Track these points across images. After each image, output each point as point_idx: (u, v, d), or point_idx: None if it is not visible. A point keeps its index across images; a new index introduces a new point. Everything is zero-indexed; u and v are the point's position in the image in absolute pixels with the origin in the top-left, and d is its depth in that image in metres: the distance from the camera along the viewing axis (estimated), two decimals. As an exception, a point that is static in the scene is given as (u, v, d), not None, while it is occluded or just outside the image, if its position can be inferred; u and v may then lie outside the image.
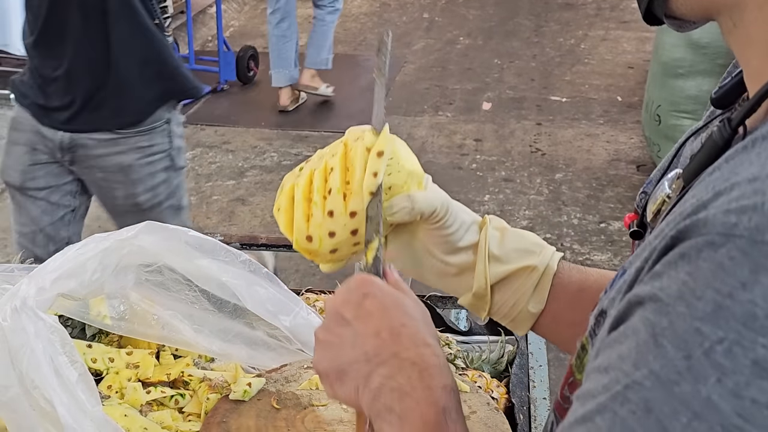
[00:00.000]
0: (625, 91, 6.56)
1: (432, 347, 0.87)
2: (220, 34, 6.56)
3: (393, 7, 8.66)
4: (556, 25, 8.06)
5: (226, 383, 1.43)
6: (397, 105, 6.35)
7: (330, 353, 0.90)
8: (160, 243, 1.31)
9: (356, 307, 0.90)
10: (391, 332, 0.87)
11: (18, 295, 1.12)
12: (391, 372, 0.85)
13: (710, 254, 0.59)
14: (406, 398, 0.83)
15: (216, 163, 5.52)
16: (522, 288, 1.08)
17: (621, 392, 0.60)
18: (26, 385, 1.07)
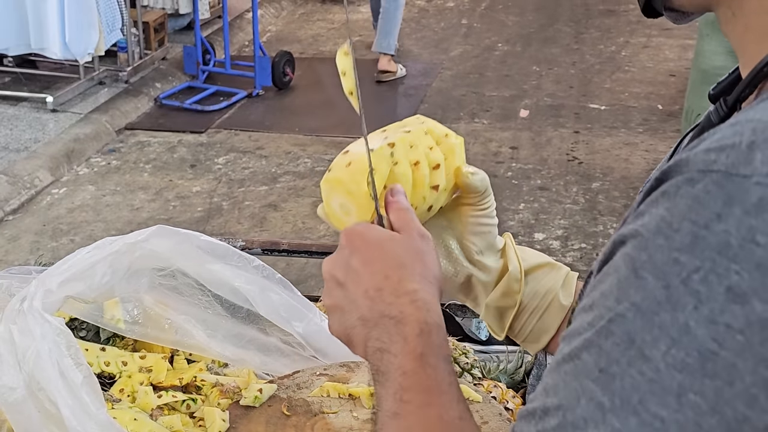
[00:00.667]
0: (665, 100, 6.50)
1: (411, 293, 0.88)
2: (256, 39, 6.61)
3: (431, 13, 8.67)
4: (597, 31, 8.02)
5: (238, 389, 1.44)
6: (433, 111, 6.35)
7: (336, 318, 0.93)
8: (172, 247, 1.32)
9: (345, 267, 0.92)
10: (376, 289, 0.89)
11: (25, 297, 1.14)
12: (378, 333, 0.87)
13: (688, 189, 0.62)
14: (385, 355, 0.85)
15: (249, 169, 5.55)
16: (552, 278, 1.11)
17: (605, 326, 0.63)
18: (32, 387, 1.09)
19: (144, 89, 6.56)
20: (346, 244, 0.92)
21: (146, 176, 5.47)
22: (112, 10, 5.97)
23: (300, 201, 5.14)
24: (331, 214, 1.06)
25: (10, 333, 1.11)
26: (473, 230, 1.09)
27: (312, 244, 2.11)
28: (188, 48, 6.86)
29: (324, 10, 8.83)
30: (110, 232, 4.81)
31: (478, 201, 1.08)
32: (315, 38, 8.06)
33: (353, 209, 1.03)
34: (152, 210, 5.07)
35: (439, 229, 1.10)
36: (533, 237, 4.72)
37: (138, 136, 6.04)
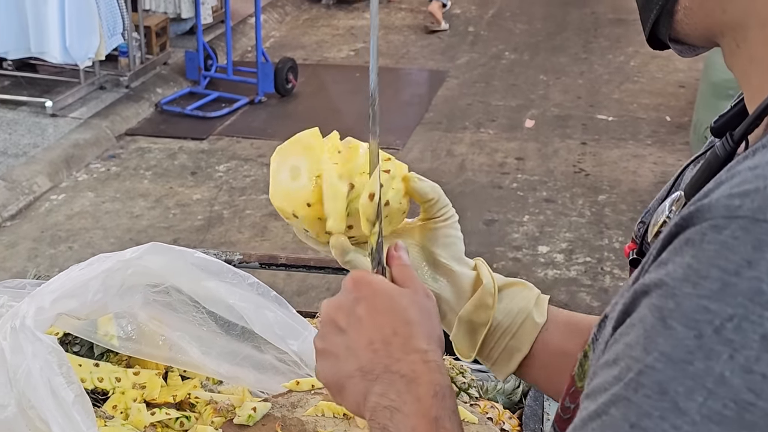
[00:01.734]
0: (675, 111, 6.51)
1: (422, 353, 0.88)
2: (258, 44, 6.64)
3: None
4: (606, 41, 8.04)
5: (232, 407, 1.45)
6: (438, 120, 6.37)
7: (328, 364, 0.92)
8: (166, 264, 1.33)
9: (348, 313, 0.91)
10: (383, 342, 0.89)
11: (18, 314, 1.15)
12: (383, 389, 0.87)
13: (714, 236, 0.62)
14: (396, 414, 0.85)
15: (251, 177, 5.57)
16: (525, 296, 1.10)
17: (634, 379, 0.62)
18: (23, 405, 1.10)
19: (145, 94, 6.58)
20: (353, 289, 0.92)
21: (146, 183, 5.50)
22: (113, 14, 6.00)
23: (301, 210, 5.14)
24: (277, 186, 1.03)
25: (1, 350, 1.13)
26: (438, 242, 1.08)
27: (310, 258, 2.12)
28: (190, 53, 6.89)
29: (329, 15, 8.86)
30: (109, 240, 4.84)
31: (436, 211, 1.07)
32: (319, 44, 8.08)
33: (304, 167, 1.01)
34: (152, 218, 5.09)
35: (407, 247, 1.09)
36: (537, 250, 4.73)
37: (138, 142, 6.07)
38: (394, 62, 7.64)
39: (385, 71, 7.42)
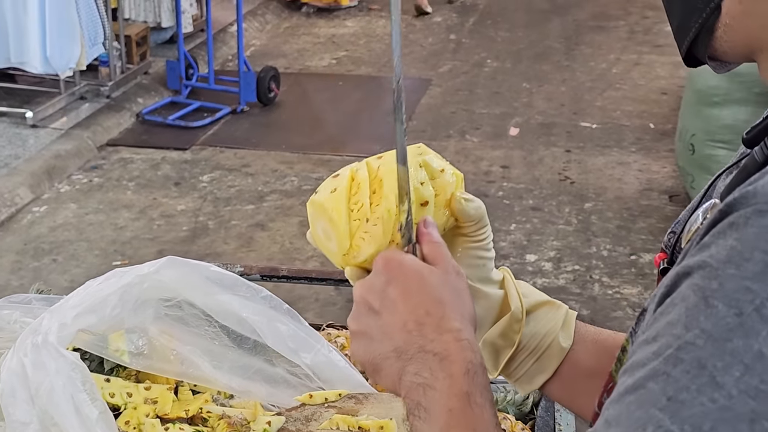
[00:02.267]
0: (658, 118, 6.57)
1: (455, 332, 0.90)
2: (240, 53, 6.64)
3: (419, 28, 8.72)
4: (588, 48, 8.10)
5: (246, 421, 1.46)
6: (422, 129, 6.39)
7: (363, 345, 0.94)
8: (180, 278, 1.34)
9: (381, 294, 0.93)
10: (416, 323, 0.91)
11: (39, 330, 1.16)
12: (417, 368, 0.89)
13: (758, 220, 0.66)
14: (429, 391, 0.87)
15: (235, 187, 5.57)
16: (552, 318, 1.11)
17: (673, 354, 0.65)
18: (46, 423, 1.10)
19: (126, 104, 6.57)
20: (383, 270, 0.93)
21: (130, 194, 5.48)
22: (94, 23, 5.99)
23: (287, 221, 5.16)
24: (315, 236, 1.08)
25: (22, 367, 1.13)
26: (466, 262, 1.07)
27: (312, 270, 2.13)
28: (171, 62, 6.88)
29: (309, 24, 8.87)
30: (94, 252, 4.82)
31: (473, 231, 1.07)
32: (300, 53, 8.09)
33: (333, 237, 1.05)
34: (136, 229, 5.08)
35: None
36: (525, 258, 4.76)
37: (120, 152, 6.05)
38: (376, 70, 7.66)
39: (368, 80, 7.45)
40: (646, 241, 4.92)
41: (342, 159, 5.89)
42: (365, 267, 1.03)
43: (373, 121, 6.57)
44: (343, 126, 6.50)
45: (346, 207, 1.04)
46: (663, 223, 5.05)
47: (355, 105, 6.85)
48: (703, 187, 1.02)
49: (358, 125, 6.51)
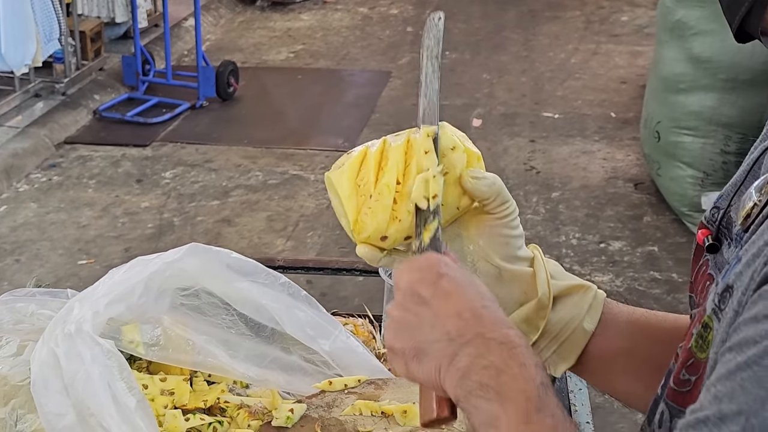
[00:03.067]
0: (619, 107, 6.64)
1: (515, 329, 0.91)
2: (199, 48, 6.59)
3: (375, 20, 8.72)
4: (545, 38, 8.16)
5: (266, 409, 1.45)
6: (385, 122, 6.39)
7: (407, 331, 0.93)
8: (201, 266, 1.33)
9: (433, 286, 0.93)
10: (473, 313, 0.91)
11: (69, 320, 1.14)
12: (479, 351, 0.88)
13: None
14: (502, 374, 0.86)
15: (199, 183, 5.53)
16: (578, 304, 1.10)
17: None
18: (82, 413, 1.09)
19: (82, 101, 6.49)
20: (435, 264, 0.94)
21: (91, 192, 5.42)
22: (49, 19, 5.90)
23: (255, 215, 5.13)
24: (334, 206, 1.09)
25: (54, 357, 1.11)
26: (491, 240, 1.07)
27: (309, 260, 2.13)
28: (127, 58, 6.81)
29: (264, 18, 8.83)
30: (57, 251, 4.76)
31: (493, 208, 1.07)
32: (257, 47, 8.05)
33: (342, 212, 1.07)
34: (100, 227, 5.02)
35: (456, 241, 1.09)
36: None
37: (79, 150, 5.97)
38: (335, 63, 7.65)
39: (327, 73, 7.43)
40: (615, 228, 4.97)
41: (306, 153, 5.87)
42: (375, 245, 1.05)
43: (336, 114, 6.56)
44: (305, 119, 6.48)
45: (351, 182, 1.06)
46: (630, 211, 5.11)
47: (316, 98, 6.84)
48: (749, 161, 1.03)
49: (321, 118, 6.49)
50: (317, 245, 4.82)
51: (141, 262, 1.28)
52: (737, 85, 4.61)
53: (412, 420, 1.42)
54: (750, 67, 4.54)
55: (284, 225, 5.04)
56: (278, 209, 5.21)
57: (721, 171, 4.70)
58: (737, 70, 4.59)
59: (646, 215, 5.07)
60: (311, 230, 4.99)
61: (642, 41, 7.86)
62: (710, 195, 4.72)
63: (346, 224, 1.08)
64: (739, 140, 4.64)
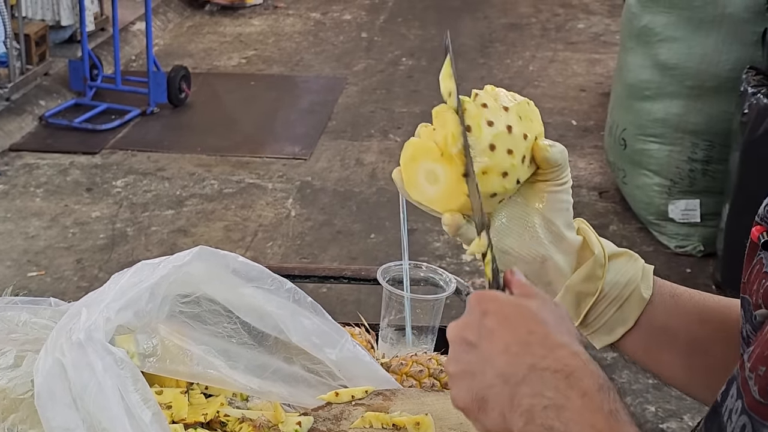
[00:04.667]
0: (579, 115, 6.67)
1: (566, 347, 0.87)
2: (150, 52, 6.49)
3: (328, 26, 8.68)
4: (502, 45, 8.18)
5: (270, 423, 1.40)
6: (342, 129, 6.35)
7: (465, 384, 0.90)
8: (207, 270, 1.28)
9: (477, 327, 0.90)
10: (520, 344, 0.87)
11: (76, 328, 1.08)
12: (535, 389, 0.85)
13: None
14: (564, 411, 0.83)
15: (152, 192, 5.44)
16: (633, 267, 1.12)
17: None
18: (93, 427, 1.03)
19: (27, 107, 6.36)
20: (477, 306, 0.91)
21: (39, 201, 5.30)
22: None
23: (211, 225, 5.06)
24: (411, 182, 1.08)
25: (61, 367, 1.05)
26: (552, 207, 1.09)
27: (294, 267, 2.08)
28: (74, 62, 6.69)
29: (213, 22, 8.74)
30: (5, 263, 4.64)
31: (556, 176, 1.09)
32: (207, 52, 7.97)
33: (441, 175, 1.06)
34: (49, 237, 4.91)
35: (517, 208, 1.10)
36: (461, 258, 4.76)
37: (24, 158, 5.84)
38: (288, 70, 7.59)
39: (280, 79, 7.38)
40: (580, 237, 4.97)
41: (262, 161, 5.81)
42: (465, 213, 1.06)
43: (290, 121, 6.50)
44: (259, 126, 6.41)
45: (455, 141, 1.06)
46: (596, 220, 5.12)
47: (270, 105, 6.78)
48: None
49: (276, 125, 6.43)
50: (278, 255, 4.76)
51: (147, 266, 1.23)
52: (703, 92, 4.65)
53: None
54: (716, 74, 4.59)
55: (242, 235, 4.97)
56: (235, 219, 5.14)
57: (687, 179, 4.74)
58: (703, 77, 4.63)
59: (612, 224, 5.09)
60: (270, 240, 4.93)
61: (599, 49, 7.92)
62: (677, 203, 4.76)
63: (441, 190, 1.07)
64: (706, 147, 4.68)
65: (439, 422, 1.40)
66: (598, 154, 5.85)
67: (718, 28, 4.50)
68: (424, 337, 1.76)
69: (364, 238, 4.85)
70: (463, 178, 1.03)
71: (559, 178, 1.08)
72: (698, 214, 4.76)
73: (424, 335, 1.75)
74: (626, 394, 3.70)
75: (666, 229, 4.83)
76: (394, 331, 1.77)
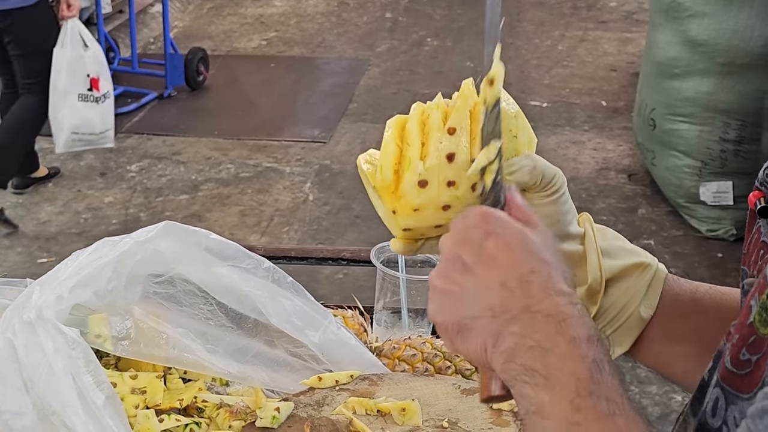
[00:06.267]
0: (609, 95, 6.58)
1: (567, 295, 0.83)
2: (167, 35, 6.48)
3: (352, 6, 8.63)
4: (530, 25, 8.10)
5: (249, 409, 1.36)
6: (363, 111, 6.31)
7: (448, 303, 0.86)
8: (177, 248, 1.24)
9: (477, 249, 0.85)
10: (519, 281, 0.83)
11: (28, 305, 1.05)
12: (524, 329, 0.81)
13: None
14: (548, 355, 0.79)
15: (167, 176, 5.42)
16: (635, 286, 1.04)
17: None
18: (44, 411, 1.00)
19: (42, 91, 6.35)
20: (482, 225, 0.86)
21: (51, 186, 5.30)
22: (5, 3, 5.76)
23: (226, 210, 5.03)
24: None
25: (12, 348, 1.02)
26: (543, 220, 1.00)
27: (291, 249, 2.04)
28: None
29: (234, 3, 8.72)
30: (15, 249, 4.65)
31: (540, 189, 1.01)
32: (227, 34, 7.95)
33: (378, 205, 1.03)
34: (61, 223, 4.91)
35: None
36: (483, 243, 4.70)
37: (38, 142, 5.83)
38: (309, 51, 7.55)
39: (301, 61, 7.34)
40: (607, 222, 4.90)
41: (280, 144, 5.78)
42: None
43: (311, 104, 6.47)
44: (278, 109, 6.38)
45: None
46: (624, 203, 5.05)
47: (290, 87, 6.74)
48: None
49: (295, 108, 6.39)
50: (293, 241, 4.73)
51: (108, 243, 1.19)
52: (735, 69, 4.55)
53: (411, 418, 1.34)
54: (748, 50, 4.49)
55: (258, 220, 4.94)
56: (251, 203, 5.11)
57: (719, 160, 4.65)
58: (735, 53, 4.53)
59: (641, 207, 5.01)
60: (287, 225, 4.90)
61: (631, 27, 7.82)
62: (709, 185, 4.67)
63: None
64: (738, 127, 4.59)
65: (426, 408, 1.36)
66: (628, 135, 5.77)
67: (750, 2, 4.40)
68: (420, 320, 1.71)
69: (382, 223, 4.79)
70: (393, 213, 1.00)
71: (544, 189, 1.00)
72: (731, 197, 4.67)
73: (420, 318, 1.71)
74: (652, 383, 3.64)
75: (697, 213, 4.75)
76: (390, 314, 1.73)
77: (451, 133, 0.97)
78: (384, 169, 0.98)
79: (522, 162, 0.99)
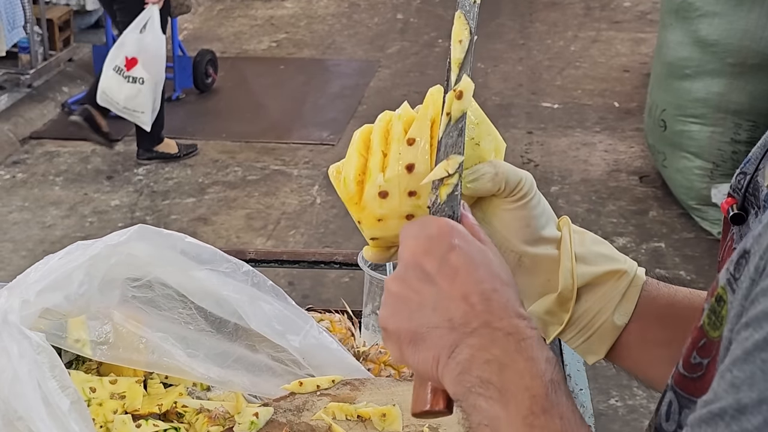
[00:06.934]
0: (621, 97, 6.56)
1: (526, 319, 0.83)
2: (175, 36, 6.49)
3: (363, 8, 8.64)
4: (543, 25, 8.08)
5: (228, 414, 1.36)
6: (373, 113, 6.25)
7: (404, 311, 0.85)
8: (152, 252, 1.24)
9: (440, 260, 0.85)
10: (481, 297, 0.83)
11: (-7, 310, 1.05)
12: (483, 342, 0.81)
13: None
14: (506, 370, 0.79)
15: (173, 179, 5.43)
16: (609, 294, 1.02)
17: None
18: (9, 417, 1.00)
19: (49, 94, 6.39)
20: (448, 237, 0.85)
21: (57, 190, 5.32)
22: (13, 5, 5.81)
23: (233, 213, 5.04)
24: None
25: (-22, 353, 1.02)
26: (509, 224, 1.00)
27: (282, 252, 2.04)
28: (98, 47, 6.70)
29: (245, 5, 8.74)
30: (20, 253, 4.66)
31: (507, 195, 0.99)
32: (237, 36, 7.96)
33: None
34: (66, 227, 4.92)
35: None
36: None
37: (45, 145, 5.87)
38: (320, 53, 7.56)
39: (311, 63, 7.35)
40: (618, 224, 4.88)
41: (288, 147, 5.78)
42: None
43: (320, 106, 6.47)
44: (287, 112, 6.38)
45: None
46: (634, 205, 5.03)
47: (300, 89, 6.75)
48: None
49: (304, 110, 6.40)
50: (300, 244, 4.73)
51: (80, 247, 1.19)
52: (746, 69, 4.53)
53: (392, 424, 1.34)
54: (759, 50, 4.46)
55: (264, 223, 4.95)
56: (258, 206, 5.12)
57: (730, 161, 4.62)
58: (746, 53, 4.51)
59: (652, 210, 4.99)
60: (293, 228, 4.90)
61: (645, 28, 7.79)
62: (720, 187, 4.65)
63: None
64: (750, 128, 4.56)
65: (408, 413, 1.35)
66: (640, 137, 5.75)
67: (761, 2, 4.38)
68: (408, 325, 1.70)
69: (390, 226, 4.80)
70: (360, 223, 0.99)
71: (511, 195, 0.99)
72: (743, 199, 4.64)
73: (409, 322, 1.70)
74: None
75: (708, 215, 4.72)
76: (378, 318, 1.72)
77: (410, 143, 0.97)
78: (347, 181, 0.98)
79: (484, 169, 0.98)
